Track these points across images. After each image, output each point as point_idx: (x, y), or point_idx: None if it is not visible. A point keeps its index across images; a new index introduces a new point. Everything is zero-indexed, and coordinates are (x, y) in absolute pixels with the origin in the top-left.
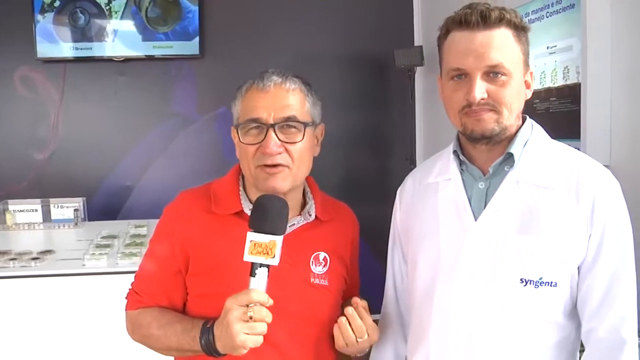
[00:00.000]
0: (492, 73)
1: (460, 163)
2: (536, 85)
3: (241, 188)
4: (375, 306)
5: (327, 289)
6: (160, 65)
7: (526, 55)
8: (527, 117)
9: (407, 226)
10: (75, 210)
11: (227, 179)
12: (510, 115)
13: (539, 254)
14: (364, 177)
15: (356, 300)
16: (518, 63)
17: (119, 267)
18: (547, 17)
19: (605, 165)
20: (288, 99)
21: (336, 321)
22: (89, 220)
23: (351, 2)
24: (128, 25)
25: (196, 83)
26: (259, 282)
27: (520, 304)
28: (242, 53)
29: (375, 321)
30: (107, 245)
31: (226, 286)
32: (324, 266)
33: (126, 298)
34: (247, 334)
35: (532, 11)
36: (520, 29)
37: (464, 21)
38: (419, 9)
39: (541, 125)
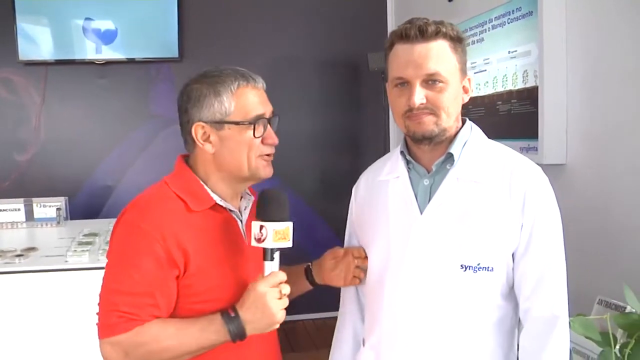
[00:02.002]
0: (430, 81)
1: (407, 162)
2: (498, 88)
3: (202, 184)
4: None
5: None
6: (140, 68)
7: (463, 63)
8: (467, 120)
9: (361, 220)
10: (57, 209)
11: (185, 179)
12: (449, 118)
13: (476, 242)
14: (338, 177)
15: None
16: (454, 71)
17: (100, 263)
18: (508, 23)
19: (561, 164)
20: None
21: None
22: (71, 219)
23: (326, 7)
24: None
25: (175, 85)
26: (275, 264)
27: (461, 288)
28: (220, 56)
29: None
30: (89, 243)
31: (225, 277)
32: None
33: (104, 323)
34: (282, 309)
35: (495, 17)
36: (456, 41)
37: (404, 35)
38: (392, 14)
39: (503, 126)
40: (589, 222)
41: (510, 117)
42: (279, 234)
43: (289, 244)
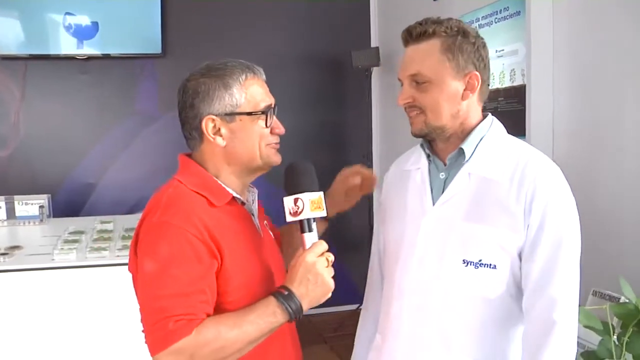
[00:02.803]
0: (415, 81)
1: (428, 155)
2: None
3: (215, 179)
4: (337, 298)
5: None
6: (123, 64)
7: (463, 61)
8: (489, 115)
9: (384, 205)
10: (40, 207)
11: (198, 175)
12: (438, 117)
13: (479, 239)
14: (322, 174)
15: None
16: (444, 70)
17: (88, 261)
18: (496, 22)
19: None
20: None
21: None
22: (53, 217)
23: (310, 5)
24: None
25: (158, 82)
26: (314, 234)
27: (462, 282)
28: (203, 53)
29: (336, 314)
30: (76, 241)
31: (254, 271)
32: (270, 230)
33: (158, 335)
34: (332, 277)
35: (482, 17)
36: (454, 38)
37: (402, 38)
38: (375, 12)
39: None
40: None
41: (497, 115)
42: (314, 204)
43: (324, 213)
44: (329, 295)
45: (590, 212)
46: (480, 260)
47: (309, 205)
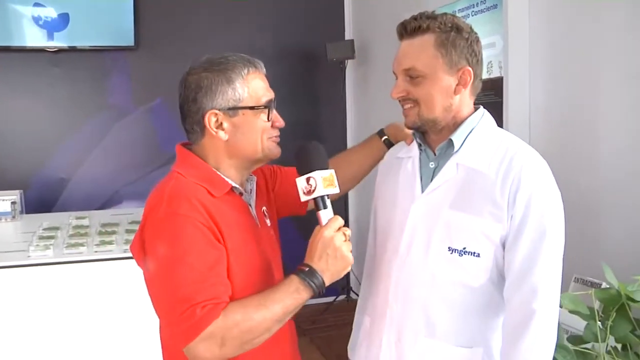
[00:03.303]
0: (409, 75)
1: (420, 145)
2: None
3: (214, 170)
4: None
5: (275, 237)
6: (95, 57)
7: (456, 56)
8: (480, 108)
9: (378, 191)
10: (12, 203)
11: (198, 167)
12: (431, 110)
13: (464, 227)
14: None
15: None
16: (437, 65)
17: (65, 257)
18: (473, 15)
19: None
20: None
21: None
22: (25, 213)
23: None
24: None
25: (131, 75)
26: (329, 211)
27: (447, 268)
28: (176, 45)
29: (314, 306)
30: (51, 237)
31: (253, 261)
32: (267, 218)
33: (187, 325)
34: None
35: (459, 9)
36: (448, 34)
37: (397, 32)
38: (349, 4)
39: None
40: None
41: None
42: (326, 181)
43: (336, 189)
44: (349, 268)
45: (568, 201)
46: (464, 248)
47: (322, 182)
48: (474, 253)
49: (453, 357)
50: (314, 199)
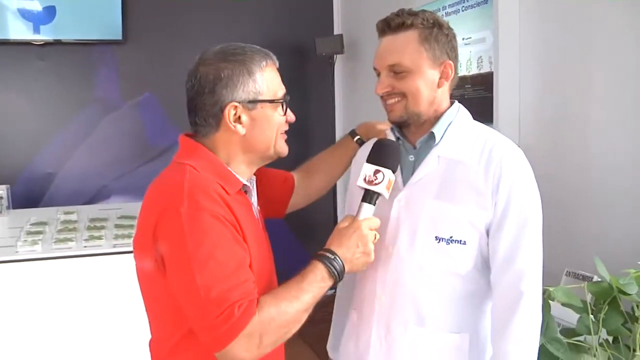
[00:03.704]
0: (394, 71)
1: (397, 139)
2: None
3: (226, 166)
4: None
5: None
6: (82, 50)
7: (439, 51)
8: (456, 102)
9: (354, 190)
10: None
11: (211, 162)
12: (418, 103)
13: (450, 217)
14: (286, 162)
15: None
16: (422, 60)
17: (54, 253)
18: (463, 10)
19: None
20: None
21: None
22: (12, 208)
23: None
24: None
25: (119, 69)
26: (372, 209)
27: (435, 257)
28: (165, 39)
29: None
30: (39, 232)
31: (261, 260)
32: (260, 215)
33: (227, 326)
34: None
35: (449, 5)
36: (430, 29)
37: (379, 28)
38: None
39: None
40: (542, 201)
41: (464, 102)
42: (390, 184)
43: (387, 194)
44: (365, 267)
45: (558, 195)
46: (451, 237)
47: (387, 182)
48: (461, 241)
49: (442, 343)
50: (368, 190)
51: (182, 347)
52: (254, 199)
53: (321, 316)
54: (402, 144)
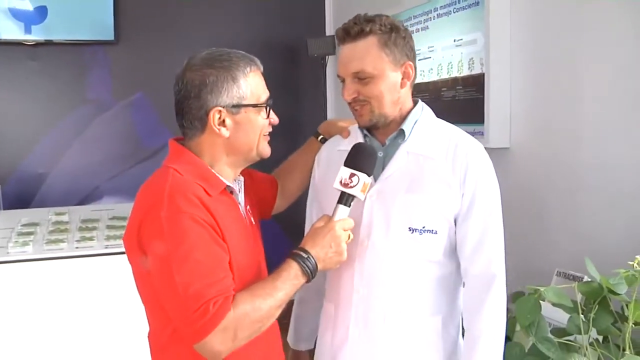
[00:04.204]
0: (358, 77)
1: (364, 136)
2: (443, 75)
3: (209, 168)
4: None
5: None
6: (74, 50)
7: (399, 54)
8: (419, 101)
9: (323, 185)
10: None
11: (194, 164)
12: (383, 106)
13: (422, 208)
14: (278, 163)
15: None
16: (384, 64)
17: (45, 254)
18: (454, 12)
19: (505, 147)
20: None
21: None
22: (2, 209)
23: None
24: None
25: (111, 69)
26: (347, 210)
27: (409, 248)
28: (157, 40)
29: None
30: (30, 233)
31: (245, 259)
32: (251, 216)
33: (203, 321)
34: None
35: (440, 6)
36: (388, 34)
37: (338, 36)
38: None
39: (448, 111)
40: (533, 202)
41: (455, 103)
42: (365, 187)
43: (362, 197)
44: (338, 266)
45: (548, 196)
46: (424, 227)
47: (361, 185)
48: (432, 231)
49: (418, 327)
50: (343, 192)
51: (175, 339)
52: (242, 199)
53: None
54: (370, 141)
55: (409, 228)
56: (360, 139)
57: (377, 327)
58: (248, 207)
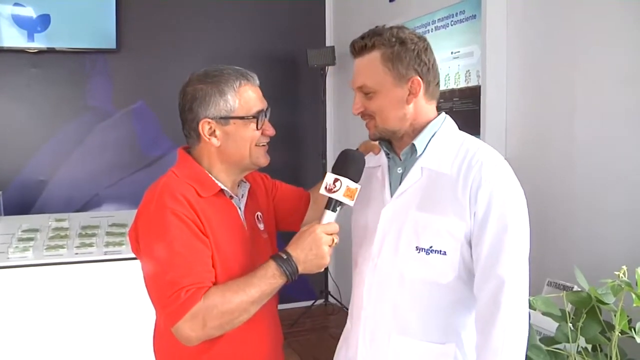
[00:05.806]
0: (363, 92)
1: (387, 153)
2: (441, 87)
3: (206, 173)
4: (291, 295)
5: (269, 240)
6: (76, 58)
7: (404, 69)
8: (442, 113)
9: (355, 205)
10: None
11: (191, 168)
12: (386, 121)
13: (429, 227)
14: (278, 172)
15: None
16: (385, 79)
17: (45, 259)
18: (452, 25)
19: None
20: None
21: None
22: (3, 215)
23: (266, 3)
24: (36, 13)
25: (112, 77)
26: (334, 215)
27: (415, 267)
28: (158, 49)
29: (291, 310)
30: (30, 239)
31: (234, 259)
32: (261, 222)
33: (174, 307)
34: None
35: (439, 19)
36: (393, 48)
37: (350, 52)
38: (330, 11)
39: None
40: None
41: (452, 115)
42: (349, 191)
43: (351, 203)
44: (322, 269)
45: (542, 207)
46: (431, 247)
47: (344, 190)
48: (440, 251)
49: (426, 353)
50: (330, 198)
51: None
52: (243, 204)
53: (310, 325)
54: (391, 157)
55: (416, 247)
56: (384, 156)
57: (382, 347)
58: (258, 213)
